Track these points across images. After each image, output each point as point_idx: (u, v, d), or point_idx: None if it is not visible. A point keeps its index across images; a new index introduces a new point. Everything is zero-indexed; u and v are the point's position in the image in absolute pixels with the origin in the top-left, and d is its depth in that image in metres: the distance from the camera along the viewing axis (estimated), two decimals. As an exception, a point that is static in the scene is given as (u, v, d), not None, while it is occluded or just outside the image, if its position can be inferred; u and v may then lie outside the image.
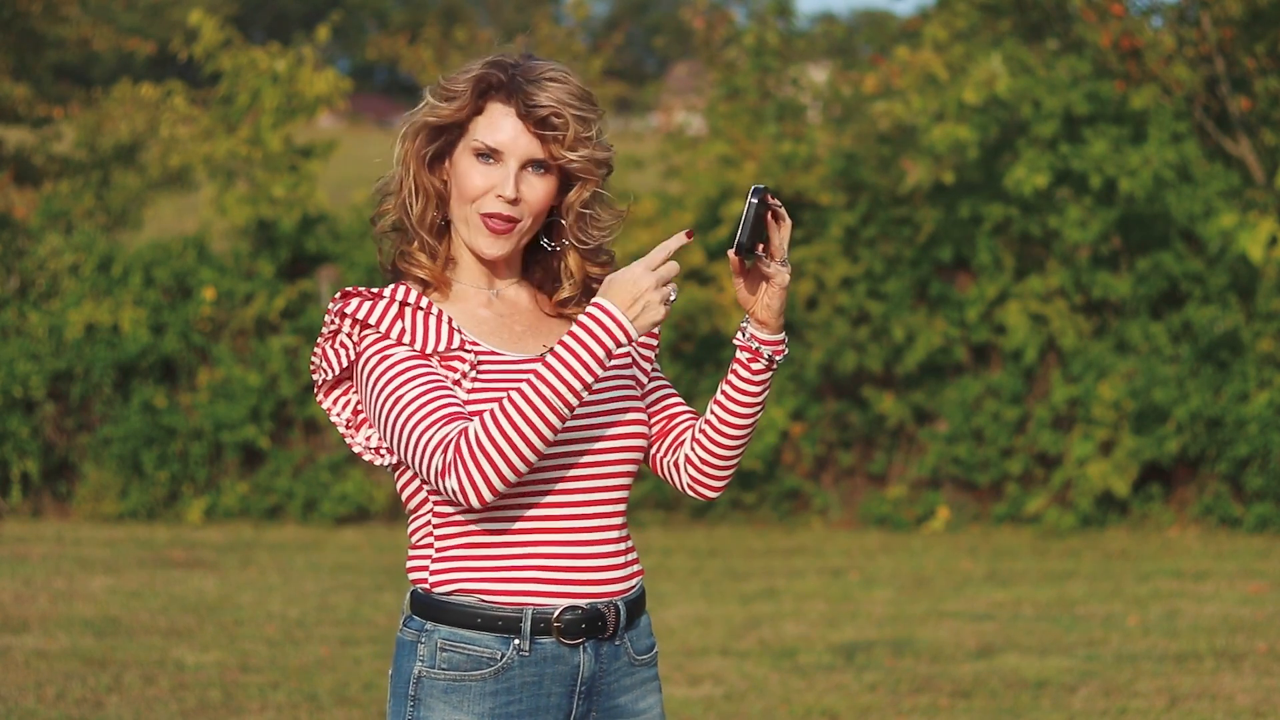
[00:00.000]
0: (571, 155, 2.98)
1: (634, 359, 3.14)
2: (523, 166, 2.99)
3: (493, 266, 3.07)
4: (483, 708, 2.96)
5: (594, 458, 3.00)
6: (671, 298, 2.86)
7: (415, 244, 3.05)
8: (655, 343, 3.16)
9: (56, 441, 13.22)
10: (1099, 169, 12.28)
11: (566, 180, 3.03)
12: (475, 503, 2.85)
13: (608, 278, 2.89)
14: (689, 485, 3.14)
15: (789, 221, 3.00)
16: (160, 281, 13.20)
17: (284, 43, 15.38)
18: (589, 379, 2.84)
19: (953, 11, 13.39)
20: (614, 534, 3.02)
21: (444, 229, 3.06)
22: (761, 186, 2.94)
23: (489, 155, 2.99)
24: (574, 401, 2.84)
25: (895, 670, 8.01)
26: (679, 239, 2.88)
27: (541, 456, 2.87)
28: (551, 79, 2.99)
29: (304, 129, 13.81)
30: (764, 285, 3.00)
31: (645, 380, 3.14)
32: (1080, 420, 12.57)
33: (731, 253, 2.97)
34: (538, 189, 3.00)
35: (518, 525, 2.96)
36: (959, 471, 12.81)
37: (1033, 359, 12.66)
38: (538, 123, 2.98)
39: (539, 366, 2.85)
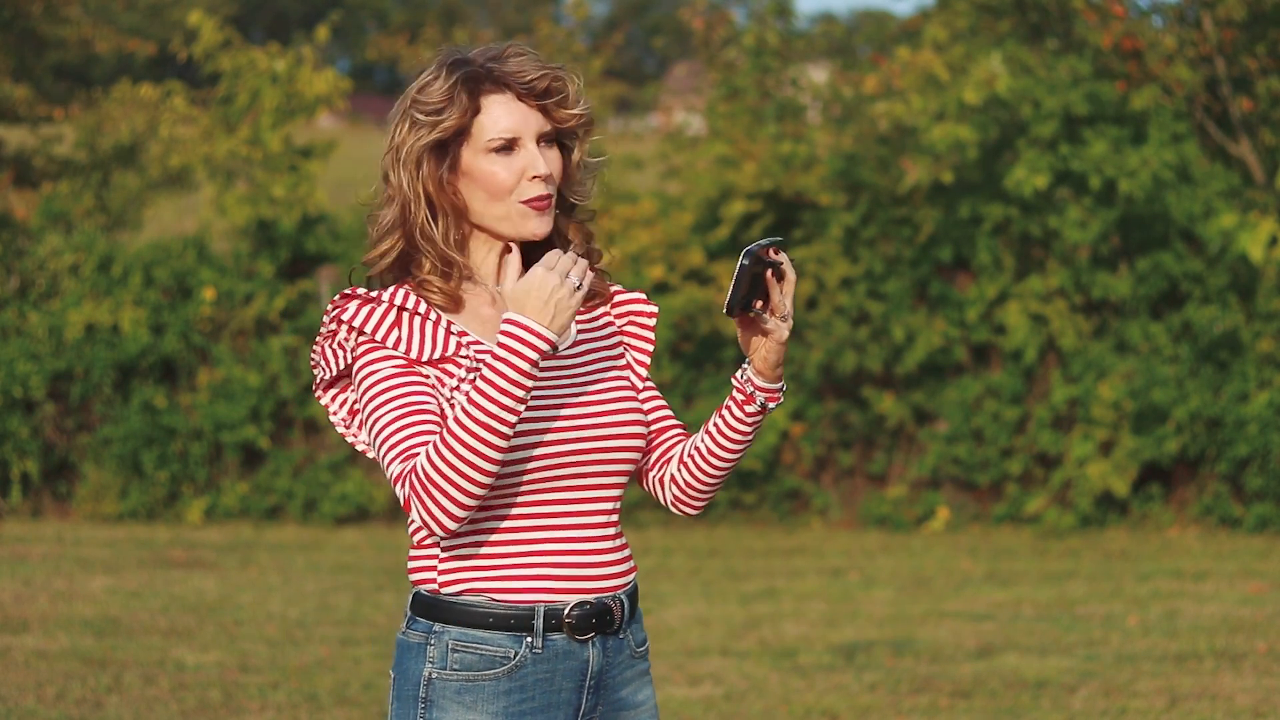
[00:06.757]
0: (579, 110, 3.04)
1: (630, 362, 3.15)
2: (537, 143, 3.02)
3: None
4: (497, 706, 2.96)
5: (596, 454, 3.01)
6: (577, 285, 2.85)
7: (429, 268, 3.02)
8: (650, 348, 3.16)
9: (56, 441, 13.22)
10: (1098, 170, 12.28)
11: (562, 146, 3.06)
12: (440, 532, 2.86)
13: (511, 293, 2.87)
14: (672, 502, 3.17)
15: (793, 277, 3.00)
16: (160, 281, 13.20)
17: (284, 43, 15.38)
18: (521, 394, 2.83)
19: (953, 12, 13.38)
20: (613, 529, 3.04)
21: (461, 244, 3.06)
22: (756, 246, 2.93)
23: (508, 146, 3.00)
24: (511, 420, 2.83)
25: (895, 670, 8.01)
26: (569, 255, 2.88)
27: (494, 478, 2.85)
28: (517, 54, 3.03)
29: (304, 129, 13.81)
30: (763, 339, 3.02)
31: (639, 384, 3.14)
32: (1080, 420, 12.56)
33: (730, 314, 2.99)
34: (554, 161, 3.04)
35: (524, 523, 2.97)
36: (959, 471, 12.81)
37: (1032, 359, 12.66)
38: (539, 95, 3.01)
39: (470, 391, 2.84)
